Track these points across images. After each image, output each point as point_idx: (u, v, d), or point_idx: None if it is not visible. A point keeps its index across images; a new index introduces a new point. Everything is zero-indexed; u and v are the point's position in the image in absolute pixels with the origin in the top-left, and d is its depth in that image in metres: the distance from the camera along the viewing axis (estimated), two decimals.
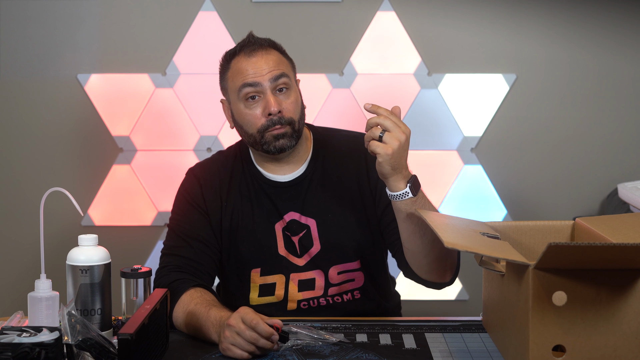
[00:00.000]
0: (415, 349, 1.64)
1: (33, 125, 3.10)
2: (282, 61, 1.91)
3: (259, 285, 1.94)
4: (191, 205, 1.94)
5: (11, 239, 3.13)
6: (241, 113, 1.89)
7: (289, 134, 1.87)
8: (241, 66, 1.88)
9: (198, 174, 1.98)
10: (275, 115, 1.85)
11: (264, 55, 1.88)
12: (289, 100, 1.88)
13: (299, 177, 1.95)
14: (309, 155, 1.97)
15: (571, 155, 3.11)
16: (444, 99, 3.09)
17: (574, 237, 1.73)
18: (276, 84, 1.87)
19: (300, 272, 1.93)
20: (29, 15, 3.06)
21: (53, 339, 1.41)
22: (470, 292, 3.12)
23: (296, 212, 1.93)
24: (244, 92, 1.87)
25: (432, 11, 3.07)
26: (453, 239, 1.41)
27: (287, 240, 1.93)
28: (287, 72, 1.90)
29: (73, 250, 1.69)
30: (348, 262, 1.94)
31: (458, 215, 1.81)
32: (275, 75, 1.87)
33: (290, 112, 1.88)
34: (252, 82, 1.86)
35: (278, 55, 1.91)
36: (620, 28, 3.07)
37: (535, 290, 1.34)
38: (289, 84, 1.89)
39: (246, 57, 1.88)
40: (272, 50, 1.91)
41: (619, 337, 1.35)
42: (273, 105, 1.84)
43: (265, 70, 1.86)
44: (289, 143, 1.88)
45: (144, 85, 3.08)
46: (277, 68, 1.88)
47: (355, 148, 1.97)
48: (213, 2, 3.05)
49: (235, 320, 1.57)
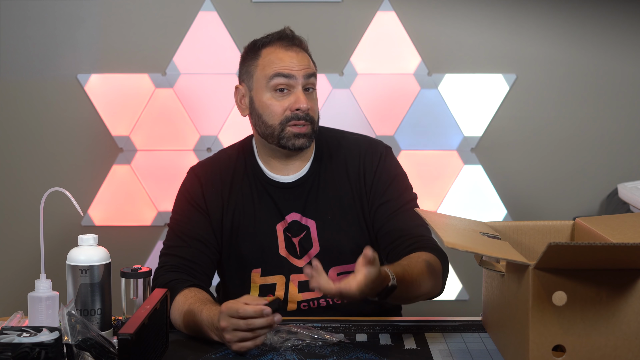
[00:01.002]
0: (415, 349, 1.64)
1: (33, 125, 3.10)
2: (311, 62, 1.94)
3: (259, 285, 1.94)
4: (191, 205, 1.94)
5: (11, 239, 3.13)
6: (265, 102, 1.90)
7: (309, 134, 1.89)
8: (277, 56, 1.89)
9: (199, 173, 1.98)
10: (303, 111, 1.87)
11: (299, 52, 1.90)
12: (314, 100, 1.92)
13: (302, 178, 1.95)
14: (312, 156, 1.97)
15: (571, 155, 3.11)
16: (444, 99, 3.09)
17: (574, 237, 1.73)
18: (307, 82, 1.89)
19: (300, 273, 1.93)
20: (29, 15, 3.06)
21: (53, 339, 1.41)
22: (470, 292, 3.12)
23: (297, 213, 1.93)
24: (275, 81, 1.88)
25: (432, 11, 3.07)
26: (453, 239, 1.41)
27: (287, 241, 1.93)
28: (315, 72, 1.94)
29: (73, 250, 1.69)
30: (347, 264, 1.94)
31: (458, 215, 1.81)
32: (309, 74, 1.89)
33: (314, 112, 1.91)
34: (287, 74, 1.87)
35: (308, 57, 1.94)
36: (620, 28, 3.07)
37: (535, 290, 1.34)
38: (315, 85, 1.93)
39: (283, 49, 1.89)
40: (304, 51, 1.94)
41: (619, 337, 1.35)
42: (303, 102, 1.87)
43: (300, 67, 1.88)
44: (307, 143, 1.90)
45: (144, 85, 3.08)
46: (309, 67, 1.91)
47: (356, 150, 1.97)
48: (213, 2, 3.05)
49: (225, 321, 1.57)
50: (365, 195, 1.94)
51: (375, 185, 1.94)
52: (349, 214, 1.94)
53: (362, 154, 1.97)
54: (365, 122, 3.07)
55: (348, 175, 1.95)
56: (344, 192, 1.94)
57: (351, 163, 1.96)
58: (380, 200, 1.93)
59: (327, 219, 1.93)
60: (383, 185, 1.94)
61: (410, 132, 3.09)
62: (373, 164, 1.95)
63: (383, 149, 1.99)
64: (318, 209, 1.93)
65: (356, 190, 1.94)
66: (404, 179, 1.98)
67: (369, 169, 1.95)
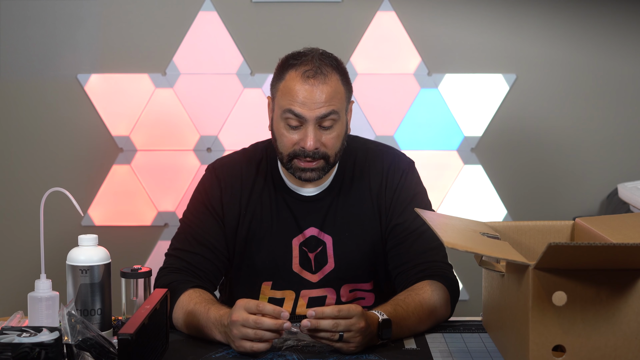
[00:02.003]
0: (415, 349, 1.64)
1: (33, 125, 3.10)
2: (338, 92, 1.80)
3: (268, 297, 1.91)
4: (206, 208, 1.88)
5: (11, 239, 3.13)
6: (279, 130, 1.82)
7: (321, 168, 1.82)
8: (293, 87, 1.78)
9: (220, 176, 1.91)
10: (309, 150, 1.78)
11: (319, 85, 1.77)
12: (331, 135, 1.80)
13: (323, 192, 1.90)
14: (334, 170, 1.91)
15: (571, 155, 3.11)
16: (444, 99, 3.09)
17: (573, 237, 1.73)
18: (321, 121, 1.78)
19: (312, 288, 1.90)
20: (29, 15, 3.06)
21: (53, 339, 1.41)
22: (470, 292, 3.12)
23: (316, 228, 1.89)
24: (287, 116, 1.79)
25: (432, 11, 3.06)
26: (453, 239, 1.41)
27: (303, 256, 1.89)
28: (338, 107, 1.80)
29: (73, 250, 1.69)
30: (360, 282, 1.92)
31: (458, 215, 1.81)
32: (324, 114, 1.77)
33: (328, 148, 1.80)
34: (298, 114, 1.77)
35: (336, 84, 1.80)
36: (620, 28, 3.07)
37: (535, 290, 1.34)
38: (336, 120, 1.80)
39: (301, 80, 1.77)
40: (333, 76, 1.80)
41: (619, 337, 1.35)
42: (310, 141, 1.77)
43: (315, 105, 1.76)
44: (318, 176, 1.82)
45: (144, 85, 3.08)
46: (329, 103, 1.77)
47: (380, 164, 1.92)
48: (213, 2, 3.05)
49: (238, 313, 1.55)
50: (385, 211, 1.89)
51: (394, 203, 1.89)
52: (367, 231, 1.89)
53: (385, 170, 1.91)
54: (365, 122, 3.07)
55: (370, 191, 1.90)
56: (365, 208, 1.90)
57: (374, 178, 1.91)
58: (397, 220, 1.88)
59: (344, 235, 1.89)
60: (402, 204, 1.88)
61: (410, 132, 3.09)
62: (395, 181, 1.90)
63: (406, 165, 1.93)
64: (336, 224, 1.89)
65: (376, 206, 1.90)
66: (423, 197, 1.93)
67: (390, 186, 1.89)
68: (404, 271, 1.84)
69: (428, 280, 1.79)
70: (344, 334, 1.55)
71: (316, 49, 1.86)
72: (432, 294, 1.75)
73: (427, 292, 1.75)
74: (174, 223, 3.09)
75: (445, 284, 1.79)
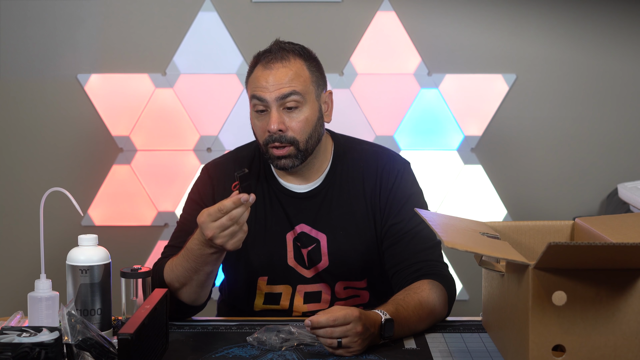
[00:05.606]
0: (415, 349, 1.64)
1: (33, 125, 3.11)
2: (300, 75, 1.83)
3: (264, 293, 1.93)
4: (199, 205, 1.90)
5: (11, 239, 3.13)
6: (252, 121, 1.88)
7: (293, 155, 1.83)
8: (255, 76, 1.84)
9: (212, 174, 1.95)
10: (275, 133, 1.81)
11: (279, 69, 1.82)
12: (297, 119, 1.82)
13: (315, 190, 1.91)
14: (327, 167, 1.93)
15: (571, 155, 3.11)
16: (444, 99, 3.09)
17: (573, 237, 1.73)
18: (283, 102, 1.81)
19: (307, 284, 1.91)
20: (29, 15, 3.06)
21: (53, 339, 1.41)
22: (470, 292, 3.12)
23: (307, 225, 1.90)
24: (253, 103, 1.84)
25: (432, 11, 3.07)
26: (453, 239, 1.41)
27: (296, 251, 1.91)
28: (301, 88, 1.82)
29: (73, 250, 1.69)
30: (355, 280, 1.93)
31: (458, 215, 1.81)
32: (283, 94, 1.80)
33: (295, 132, 1.82)
34: (260, 97, 1.82)
35: (298, 68, 1.84)
36: (620, 28, 3.07)
37: (535, 290, 1.34)
38: (300, 102, 1.82)
39: (262, 68, 1.84)
40: (294, 60, 1.84)
41: (619, 337, 1.35)
42: (273, 123, 1.80)
43: (273, 87, 1.80)
44: (291, 163, 1.84)
45: (144, 85, 3.08)
46: (289, 85, 1.81)
47: (374, 164, 1.92)
48: (213, 2, 3.05)
49: (209, 229, 1.62)
50: (380, 212, 1.90)
51: (389, 204, 1.89)
52: (361, 230, 1.90)
53: (380, 170, 1.91)
54: (365, 122, 3.08)
55: (364, 190, 1.91)
56: (358, 207, 1.90)
57: (368, 178, 1.91)
58: (393, 220, 1.88)
59: (338, 233, 1.90)
60: (397, 204, 1.89)
61: (410, 132, 3.09)
62: (389, 181, 1.90)
63: (401, 166, 1.94)
64: (330, 222, 1.90)
65: (370, 206, 1.90)
66: (419, 197, 1.93)
67: (385, 187, 1.90)
68: (400, 270, 1.85)
69: (425, 279, 1.80)
70: (342, 340, 1.56)
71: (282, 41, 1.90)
72: (430, 293, 1.76)
73: (425, 291, 1.76)
74: (173, 223, 3.09)
75: (443, 283, 1.80)
